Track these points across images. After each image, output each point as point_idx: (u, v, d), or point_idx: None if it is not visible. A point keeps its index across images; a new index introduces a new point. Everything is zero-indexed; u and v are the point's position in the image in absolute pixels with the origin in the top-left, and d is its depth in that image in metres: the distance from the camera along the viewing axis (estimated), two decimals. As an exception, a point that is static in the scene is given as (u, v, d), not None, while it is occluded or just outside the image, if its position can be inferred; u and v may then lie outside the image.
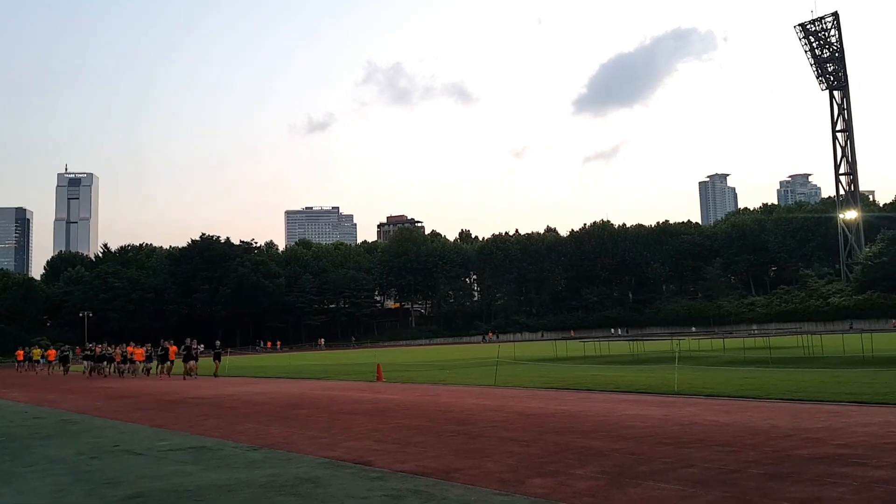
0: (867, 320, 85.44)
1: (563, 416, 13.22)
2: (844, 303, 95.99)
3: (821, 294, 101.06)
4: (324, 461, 9.19)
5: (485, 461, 8.81)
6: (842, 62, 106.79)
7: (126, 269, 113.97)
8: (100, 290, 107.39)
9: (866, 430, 10.41)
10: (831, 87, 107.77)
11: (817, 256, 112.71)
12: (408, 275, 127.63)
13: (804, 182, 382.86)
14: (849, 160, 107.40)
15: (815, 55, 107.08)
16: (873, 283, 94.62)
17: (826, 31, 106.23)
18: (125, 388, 27.34)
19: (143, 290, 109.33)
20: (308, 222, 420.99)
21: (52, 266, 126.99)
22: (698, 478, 7.52)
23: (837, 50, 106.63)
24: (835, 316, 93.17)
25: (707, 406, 14.34)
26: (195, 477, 8.46)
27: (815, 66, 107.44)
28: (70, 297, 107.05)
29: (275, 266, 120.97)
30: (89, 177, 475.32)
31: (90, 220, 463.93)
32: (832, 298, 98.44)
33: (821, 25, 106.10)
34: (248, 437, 11.88)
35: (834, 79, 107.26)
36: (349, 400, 18.17)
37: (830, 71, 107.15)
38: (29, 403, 22.15)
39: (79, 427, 14.68)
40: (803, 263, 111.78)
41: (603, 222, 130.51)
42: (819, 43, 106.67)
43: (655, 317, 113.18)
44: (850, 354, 27.67)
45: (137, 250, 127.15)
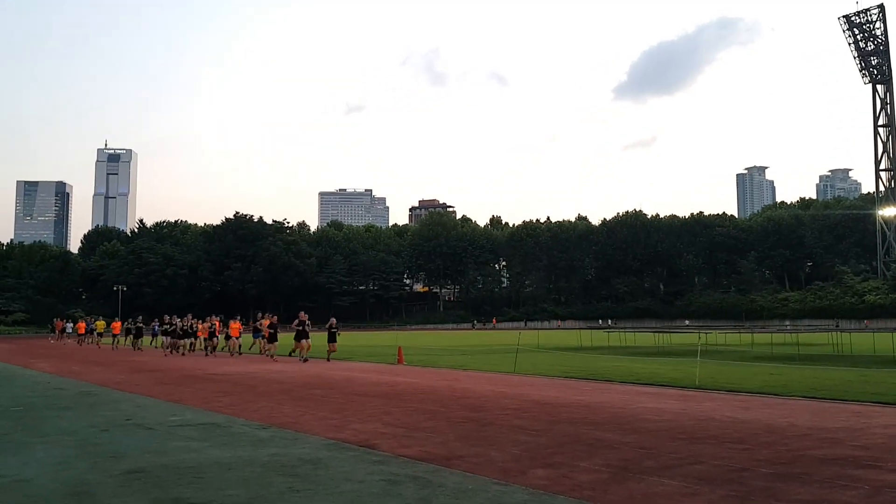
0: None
1: (577, 407, 13.07)
2: (880, 301, 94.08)
3: (856, 291, 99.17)
4: (329, 443, 9.17)
5: (490, 449, 8.71)
6: (886, 55, 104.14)
7: (161, 244, 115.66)
8: (134, 265, 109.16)
9: (886, 431, 10.11)
10: (874, 81, 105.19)
11: (854, 253, 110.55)
12: (437, 259, 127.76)
13: (844, 177, 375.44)
14: (890, 156, 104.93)
15: (858, 48, 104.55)
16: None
17: (871, 24, 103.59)
18: (152, 363, 27.73)
19: (176, 266, 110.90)
20: (341, 204, 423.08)
21: (88, 240, 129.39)
22: (705, 475, 7.34)
23: (882, 43, 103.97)
24: (870, 314, 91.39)
25: (727, 402, 14.07)
26: (199, 454, 8.48)
27: (859, 58, 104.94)
28: (105, 271, 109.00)
29: (306, 246, 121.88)
30: (128, 153, 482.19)
31: (128, 195, 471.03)
32: (868, 296, 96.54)
33: (865, 17, 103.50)
34: (259, 415, 11.91)
35: (877, 72, 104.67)
36: (366, 382, 18.19)
37: (874, 64, 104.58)
38: (54, 374, 22.54)
39: (96, 399, 14.87)
40: (840, 260, 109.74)
41: (636, 212, 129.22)
42: (863, 35, 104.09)
43: (687, 309, 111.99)
44: (881, 353, 27.06)
45: (172, 227, 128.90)
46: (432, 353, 32.19)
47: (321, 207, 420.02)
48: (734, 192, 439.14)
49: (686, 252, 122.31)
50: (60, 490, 6.80)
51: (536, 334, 58.74)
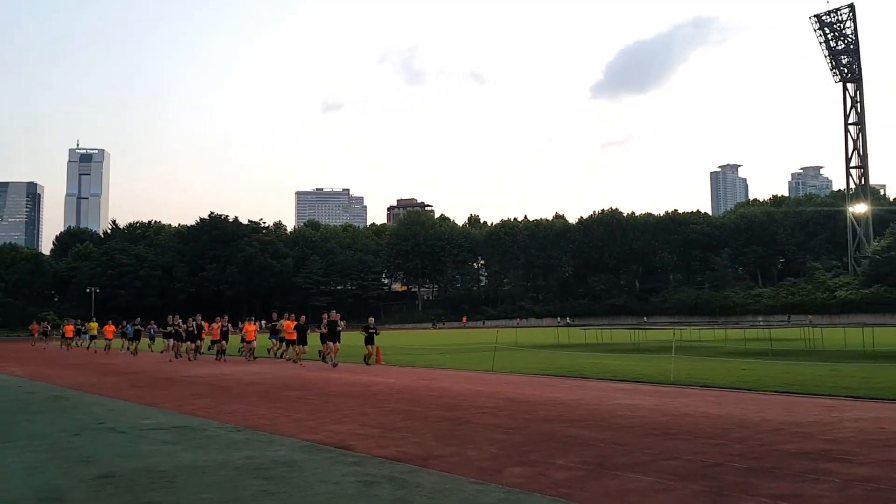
0: (873, 314, 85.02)
1: (553, 404, 13.11)
2: (851, 296, 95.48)
3: (827, 287, 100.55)
4: (304, 444, 9.12)
5: (467, 448, 8.71)
6: (856, 55, 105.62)
7: (134, 246, 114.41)
8: (107, 267, 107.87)
9: (856, 425, 10.25)
10: (845, 80, 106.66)
11: (825, 249, 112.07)
12: (415, 258, 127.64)
13: (815, 175, 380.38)
14: (860, 154, 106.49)
15: (829, 47, 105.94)
16: (881, 277, 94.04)
17: (841, 23, 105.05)
18: (126, 365, 27.41)
19: (150, 267, 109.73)
20: (318, 203, 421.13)
21: (60, 241, 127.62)
22: (679, 470, 7.40)
23: (852, 42, 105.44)
24: (841, 309, 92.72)
25: (701, 397, 14.20)
26: (172, 457, 8.39)
27: (830, 57, 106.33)
28: (78, 273, 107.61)
29: (283, 246, 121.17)
30: (101, 153, 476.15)
31: (101, 196, 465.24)
32: (839, 292, 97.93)
33: (836, 17, 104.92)
34: (234, 417, 11.82)
35: (848, 71, 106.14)
36: (342, 382, 18.12)
37: (845, 63, 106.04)
38: (26, 378, 22.22)
39: (69, 403, 14.68)
40: (811, 256, 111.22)
41: (612, 210, 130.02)
42: (834, 35, 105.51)
43: (662, 306, 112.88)
44: (851, 348, 27.46)
45: (146, 227, 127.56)
46: (410, 353, 32.15)
47: (298, 207, 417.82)
48: (708, 190, 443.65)
49: (661, 249, 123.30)
50: (31, 496, 6.70)
51: (514, 332, 58.89)
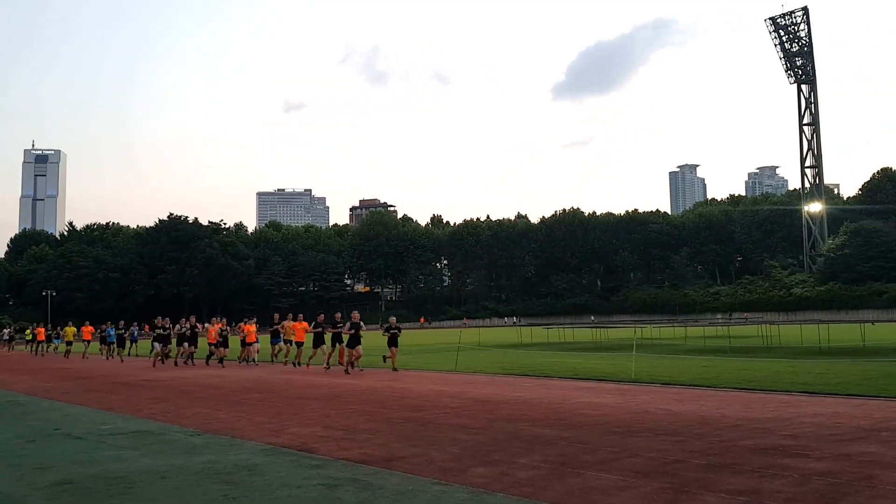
0: (828, 311, 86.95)
1: (516, 403, 13.15)
2: (807, 293, 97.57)
3: (784, 284, 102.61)
4: (266, 448, 9.01)
5: (430, 449, 8.69)
6: (810, 56, 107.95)
7: (91, 248, 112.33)
8: (64, 269, 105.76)
9: (814, 420, 10.46)
10: (799, 81, 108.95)
11: (782, 248, 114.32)
12: (378, 259, 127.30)
13: (772, 174, 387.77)
14: (814, 153, 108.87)
15: (784, 49, 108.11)
16: (835, 274, 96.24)
17: (795, 25, 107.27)
18: (82, 370, 26.86)
19: (108, 269, 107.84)
20: (280, 204, 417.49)
21: (15, 244, 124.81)
22: (641, 467, 7.46)
23: (806, 44, 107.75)
24: (797, 306, 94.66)
25: (661, 394, 14.38)
26: (130, 463, 8.23)
27: (785, 59, 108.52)
28: (33, 276, 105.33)
29: (244, 247, 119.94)
30: (57, 153, 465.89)
31: (57, 197, 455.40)
32: (795, 289, 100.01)
33: (790, 19, 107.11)
34: (194, 421, 11.64)
35: (802, 73, 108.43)
36: (305, 384, 17.98)
37: (799, 65, 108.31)
38: (-22, 384, 21.63)
39: (24, 409, 14.32)
40: (768, 254, 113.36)
41: (573, 210, 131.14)
42: (789, 37, 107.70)
43: (623, 304, 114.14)
44: (808, 345, 28.04)
45: (104, 229, 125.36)
46: (373, 354, 31.97)
47: (259, 208, 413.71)
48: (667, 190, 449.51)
49: (622, 249, 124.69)
50: (-19, 506, 6.51)
51: (477, 332, 59.00)
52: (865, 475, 6.91)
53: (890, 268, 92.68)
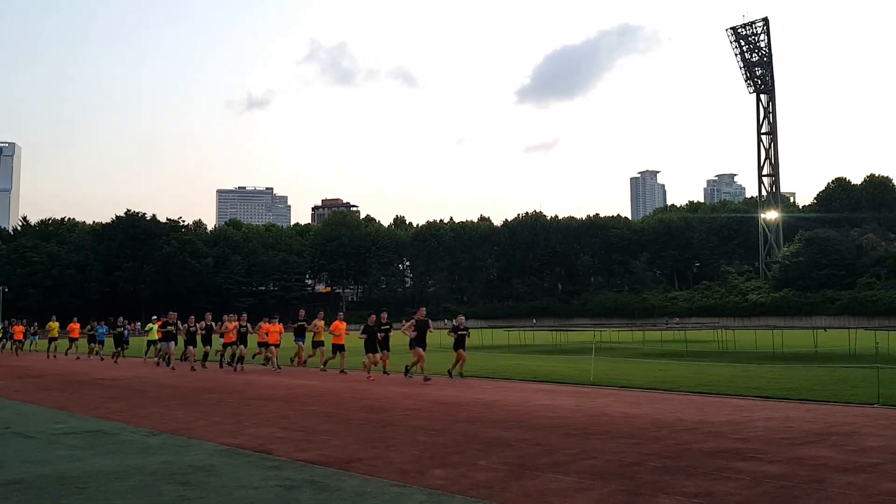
0: (782, 317, 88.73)
1: (476, 406, 13.20)
2: (762, 299, 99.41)
3: (740, 290, 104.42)
4: (223, 448, 8.92)
5: (389, 451, 8.68)
6: (769, 66, 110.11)
7: (46, 243, 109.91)
8: (17, 265, 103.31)
9: (766, 424, 10.67)
10: (758, 91, 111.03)
11: (738, 254, 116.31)
12: (340, 259, 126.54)
13: (730, 182, 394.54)
14: (772, 162, 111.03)
15: (744, 59, 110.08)
16: (790, 281, 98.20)
17: (756, 36, 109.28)
18: (36, 368, 26.26)
19: (63, 265, 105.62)
20: (240, 202, 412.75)
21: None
22: (597, 470, 7.55)
23: (766, 54, 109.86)
24: (752, 312, 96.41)
25: (619, 397, 14.54)
26: (84, 463, 8.09)
27: (745, 69, 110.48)
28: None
29: (202, 246, 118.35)
30: (11, 146, 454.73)
31: (10, 191, 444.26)
32: (750, 295, 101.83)
33: (751, 30, 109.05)
34: (150, 421, 11.47)
35: (761, 82, 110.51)
36: (264, 385, 17.81)
37: (758, 75, 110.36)
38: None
39: (-28, 408, 13.96)
40: (725, 260, 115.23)
41: (536, 213, 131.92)
42: (749, 47, 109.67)
43: (583, 308, 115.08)
44: (762, 350, 28.57)
45: (59, 224, 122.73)
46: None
47: (219, 205, 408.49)
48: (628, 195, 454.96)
49: (583, 252, 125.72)
50: (-74, 507, 6.34)
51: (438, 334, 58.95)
52: (816, 478, 7.08)
53: (842, 276, 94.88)
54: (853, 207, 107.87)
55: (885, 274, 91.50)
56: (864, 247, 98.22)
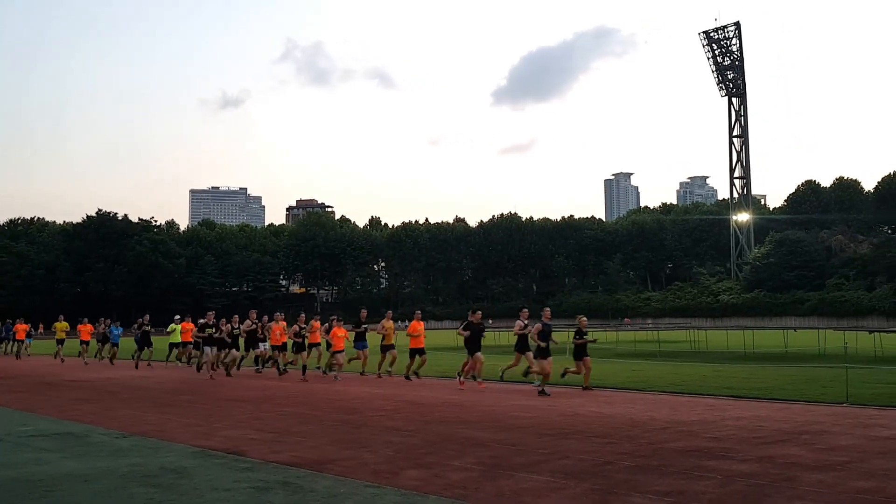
0: (753, 317, 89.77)
1: (451, 406, 13.20)
2: (733, 300, 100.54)
3: (712, 291, 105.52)
4: (195, 450, 8.82)
5: (363, 452, 8.64)
6: (741, 70, 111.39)
7: (15, 243, 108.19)
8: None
9: (738, 423, 10.79)
10: (730, 94, 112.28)
11: (710, 255, 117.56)
12: (315, 260, 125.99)
13: (702, 184, 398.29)
14: (743, 165, 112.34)
15: (716, 62, 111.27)
16: (760, 282, 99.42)
17: (728, 40, 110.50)
18: (3, 369, 25.80)
19: (32, 266, 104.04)
20: (214, 202, 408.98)
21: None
22: (571, 469, 7.58)
23: (738, 58, 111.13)
24: (724, 313, 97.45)
25: (592, 397, 14.63)
26: (52, 465, 7.95)
27: (717, 72, 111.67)
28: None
29: (175, 246, 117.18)
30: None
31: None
32: (722, 296, 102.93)
33: (723, 34, 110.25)
34: (120, 423, 11.32)
35: (733, 86, 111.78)
36: (237, 386, 17.67)
37: (730, 78, 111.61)
38: None
39: (-63, 410, 13.68)
40: (697, 262, 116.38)
41: (511, 214, 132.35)
42: (721, 51, 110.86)
43: (557, 309, 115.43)
44: (733, 350, 28.89)
45: (28, 224, 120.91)
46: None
47: (192, 205, 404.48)
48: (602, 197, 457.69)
49: (557, 254, 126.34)
50: None
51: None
52: (786, 476, 7.16)
53: (812, 276, 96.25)
54: (822, 209, 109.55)
55: (853, 275, 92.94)
56: (833, 248, 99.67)
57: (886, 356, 24.95)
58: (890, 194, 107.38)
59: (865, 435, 9.65)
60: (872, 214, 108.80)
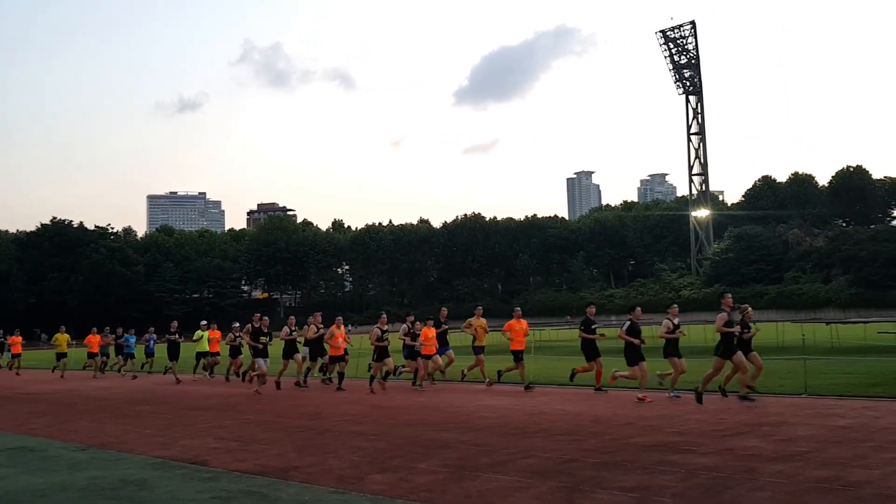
0: (714, 312, 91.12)
1: (416, 409, 13.16)
2: (694, 295, 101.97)
3: (673, 287, 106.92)
4: (156, 461, 8.66)
5: (328, 458, 8.57)
6: (697, 68, 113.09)
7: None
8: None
9: (700, 417, 10.93)
10: (687, 92, 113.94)
11: (671, 252, 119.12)
12: (277, 264, 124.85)
13: (662, 181, 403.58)
14: (701, 162, 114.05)
15: (673, 61, 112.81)
16: (720, 277, 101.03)
17: (684, 39, 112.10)
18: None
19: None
20: (172, 208, 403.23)
21: None
22: (537, 468, 7.59)
23: (694, 57, 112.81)
24: (685, 308, 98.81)
25: (558, 395, 14.71)
26: (8, 481, 7.74)
27: (674, 71, 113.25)
28: None
29: (133, 253, 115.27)
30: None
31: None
32: (683, 291, 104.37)
33: (679, 33, 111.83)
34: (78, 436, 11.07)
35: (690, 84, 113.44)
36: (199, 395, 17.41)
37: (687, 77, 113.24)
38: None
39: None
40: (658, 258, 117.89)
41: (475, 215, 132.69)
42: (678, 49, 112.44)
43: (522, 308, 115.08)
44: (694, 345, 29.24)
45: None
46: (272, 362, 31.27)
47: (150, 211, 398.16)
48: (565, 195, 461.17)
49: (521, 253, 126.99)
50: None
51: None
52: (747, 468, 7.27)
53: (770, 270, 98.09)
54: (779, 204, 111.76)
55: (809, 268, 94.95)
56: (789, 242, 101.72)
57: (843, 347, 25.51)
58: (843, 189, 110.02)
59: (823, 425, 9.84)
60: (827, 208, 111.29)
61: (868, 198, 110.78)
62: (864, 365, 18.45)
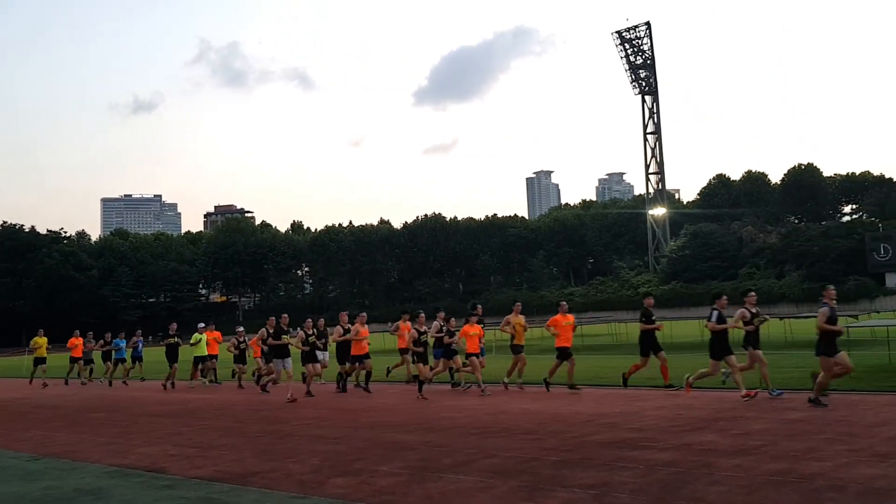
0: (672, 308, 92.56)
1: (378, 411, 13.11)
2: (652, 292, 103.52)
3: (631, 284, 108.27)
4: (111, 470, 8.49)
5: (288, 462, 8.49)
6: (653, 69, 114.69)
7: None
8: None
9: (658, 413, 11.07)
10: (643, 92, 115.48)
11: (629, 249, 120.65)
12: (235, 267, 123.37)
13: (619, 180, 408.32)
14: (658, 161, 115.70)
15: (629, 61, 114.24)
16: (677, 274, 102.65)
17: (640, 39, 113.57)
18: None
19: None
20: (127, 211, 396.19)
21: None
22: (498, 468, 7.62)
23: (649, 57, 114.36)
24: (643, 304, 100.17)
25: (519, 394, 14.77)
26: (-45, 495, 7.51)
27: (630, 71, 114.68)
28: None
29: (87, 257, 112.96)
30: None
31: None
32: (641, 289, 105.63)
33: (635, 33, 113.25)
34: (30, 445, 10.80)
35: (646, 84, 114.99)
36: (156, 401, 17.11)
37: (643, 77, 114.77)
38: None
39: None
40: (617, 256, 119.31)
41: (435, 215, 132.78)
42: (633, 50, 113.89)
43: (484, 307, 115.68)
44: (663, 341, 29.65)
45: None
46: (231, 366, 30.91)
47: (104, 215, 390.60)
48: (524, 195, 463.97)
49: (482, 252, 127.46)
50: None
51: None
52: (704, 463, 7.38)
53: (725, 267, 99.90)
54: (733, 202, 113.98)
55: (763, 264, 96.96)
56: (744, 239, 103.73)
57: (797, 341, 26.07)
58: (795, 186, 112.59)
59: (777, 419, 10.05)
60: (779, 206, 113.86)
61: (819, 195, 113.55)
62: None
